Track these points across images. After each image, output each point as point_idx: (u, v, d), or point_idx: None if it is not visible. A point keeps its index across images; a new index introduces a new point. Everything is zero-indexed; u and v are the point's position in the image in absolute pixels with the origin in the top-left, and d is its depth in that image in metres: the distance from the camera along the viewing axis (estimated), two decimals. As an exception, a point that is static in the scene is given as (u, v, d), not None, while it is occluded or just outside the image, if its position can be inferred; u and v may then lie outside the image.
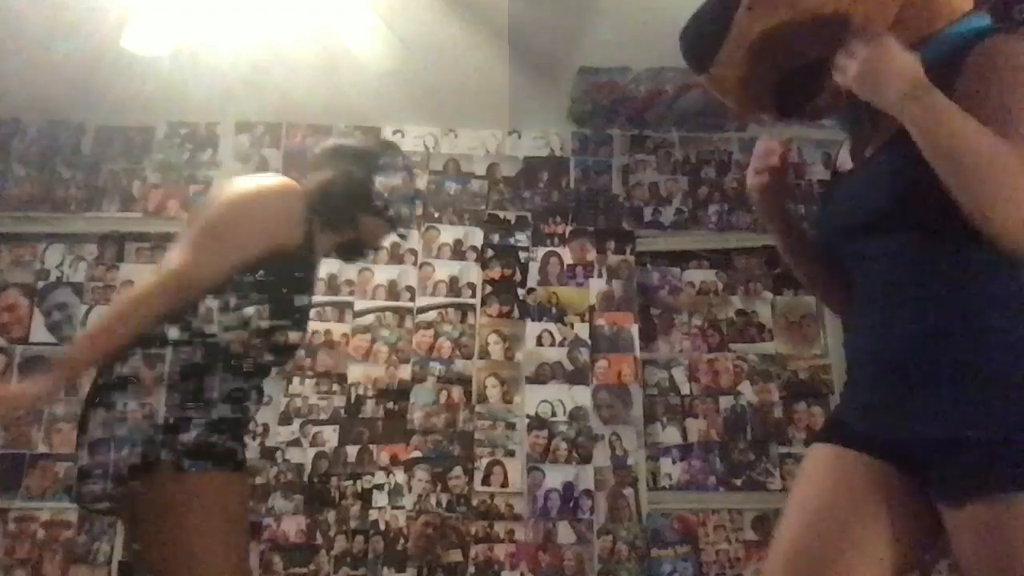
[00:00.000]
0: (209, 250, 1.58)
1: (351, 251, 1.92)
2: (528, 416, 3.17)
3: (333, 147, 1.86)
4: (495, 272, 3.38)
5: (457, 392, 3.19)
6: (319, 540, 2.98)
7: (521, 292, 3.36)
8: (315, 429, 3.10)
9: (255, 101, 3.33)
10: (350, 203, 1.76)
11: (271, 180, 1.69)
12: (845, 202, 1.20)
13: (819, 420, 3.28)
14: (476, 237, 3.42)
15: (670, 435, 3.28)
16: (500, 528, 3.03)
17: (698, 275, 3.49)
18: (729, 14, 1.08)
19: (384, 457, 3.09)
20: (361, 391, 3.17)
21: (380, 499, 3.04)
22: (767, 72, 1.13)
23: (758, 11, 1.07)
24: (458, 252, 3.40)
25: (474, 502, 3.06)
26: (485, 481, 3.09)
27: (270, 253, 1.60)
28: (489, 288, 3.36)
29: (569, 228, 3.47)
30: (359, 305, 3.29)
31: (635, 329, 3.32)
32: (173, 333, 1.55)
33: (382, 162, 1.82)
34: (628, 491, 3.10)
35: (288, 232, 1.63)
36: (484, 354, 3.26)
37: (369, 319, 3.26)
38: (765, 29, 1.08)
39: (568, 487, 3.09)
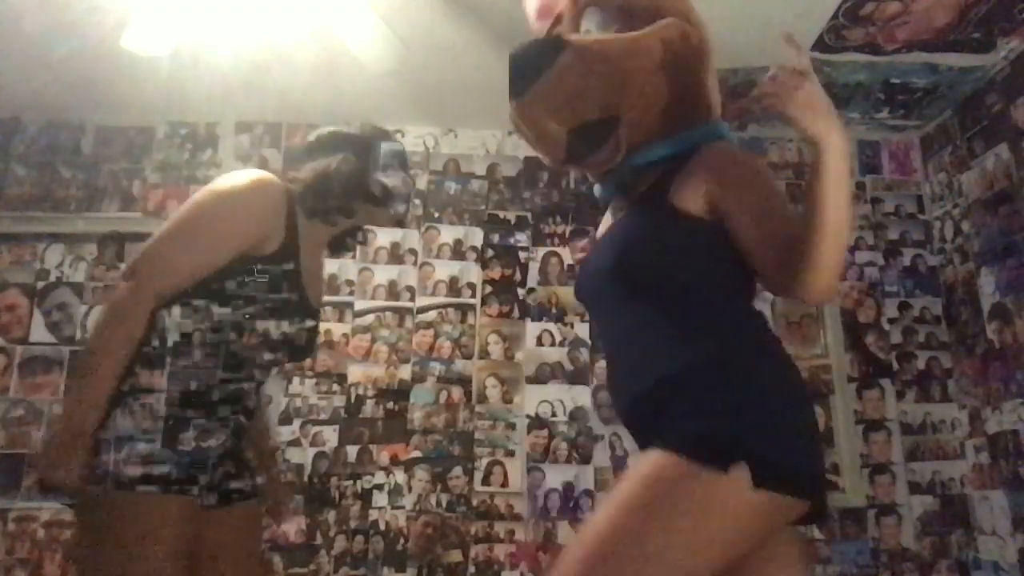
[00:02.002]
0: (175, 255, 1.48)
1: (340, 244, 1.84)
2: (528, 416, 3.18)
3: (328, 135, 1.76)
4: (495, 272, 3.38)
5: (457, 392, 3.19)
6: (319, 540, 2.98)
7: (521, 292, 3.36)
8: (315, 429, 3.10)
9: (255, 101, 3.33)
10: (348, 191, 1.67)
11: (245, 177, 1.56)
12: (590, 262, 1.41)
13: (819, 420, 3.28)
14: (476, 237, 3.42)
15: (670, 435, 3.27)
16: (500, 528, 3.03)
17: (698, 275, 3.48)
18: (555, 56, 1.25)
19: (384, 457, 3.09)
20: (361, 391, 3.17)
21: (380, 499, 3.04)
22: (563, 117, 1.29)
23: (577, 65, 1.25)
24: (458, 252, 3.40)
25: (474, 502, 3.06)
26: (485, 481, 3.09)
27: (243, 256, 1.51)
28: (489, 288, 3.36)
29: (569, 228, 3.47)
30: (359, 305, 3.29)
31: (635, 329, 3.31)
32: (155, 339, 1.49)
33: (378, 148, 1.75)
34: (628, 491, 3.10)
35: (263, 231, 1.53)
36: (484, 354, 3.26)
37: (369, 319, 3.26)
38: (573, 87, 1.25)
39: (568, 487, 3.09)
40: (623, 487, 1.15)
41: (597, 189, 1.51)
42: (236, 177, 1.55)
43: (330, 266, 3.27)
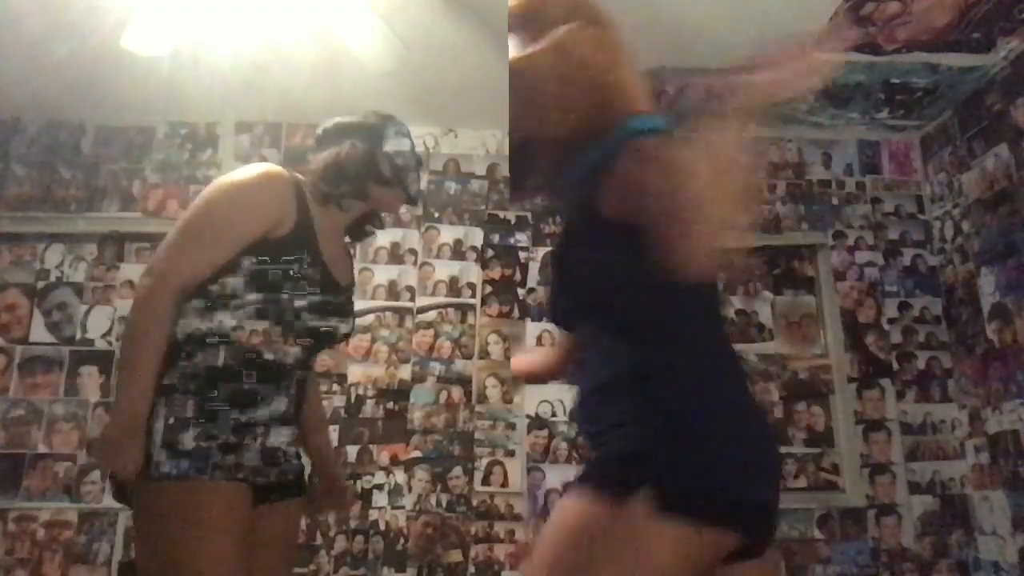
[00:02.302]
0: (188, 248, 1.50)
1: (359, 231, 1.86)
2: (528, 416, 3.18)
3: (334, 125, 1.82)
4: (495, 272, 3.38)
5: (457, 392, 3.19)
6: (319, 540, 2.98)
7: (521, 292, 3.36)
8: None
9: (255, 101, 3.33)
10: (359, 175, 1.70)
11: (252, 170, 1.58)
12: (553, 289, 1.34)
13: (819, 420, 3.29)
14: (476, 237, 3.42)
15: (670, 435, 3.28)
16: (500, 528, 3.03)
17: (698, 275, 3.49)
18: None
19: (384, 457, 3.09)
20: (361, 391, 3.17)
21: (380, 499, 3.04)
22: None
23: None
24: (458, 252, 3.40)
25: (474, 502, 3.06)
26: (485, 481, 3.09)
27: (257, 242, 1.53)
28: (489, 288, 3.36)
29: (569, 228, 3.46)
30: (359, 305, 3.28)
31: (635, 329, 3.32)
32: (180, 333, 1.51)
33: (384, 130, 1.79)
34: (628, 491, 3.10)
35: (273, 218, 1.54)
36: (484, 354, 3.26)
37: (369, 319, 3.26)
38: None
39: (568, 487, 3.09)
40: (544, 544, 1.11)
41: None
42: (243, 171, 1.59)
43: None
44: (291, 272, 1.54)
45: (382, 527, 3.01)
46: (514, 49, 1.32)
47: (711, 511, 1.02)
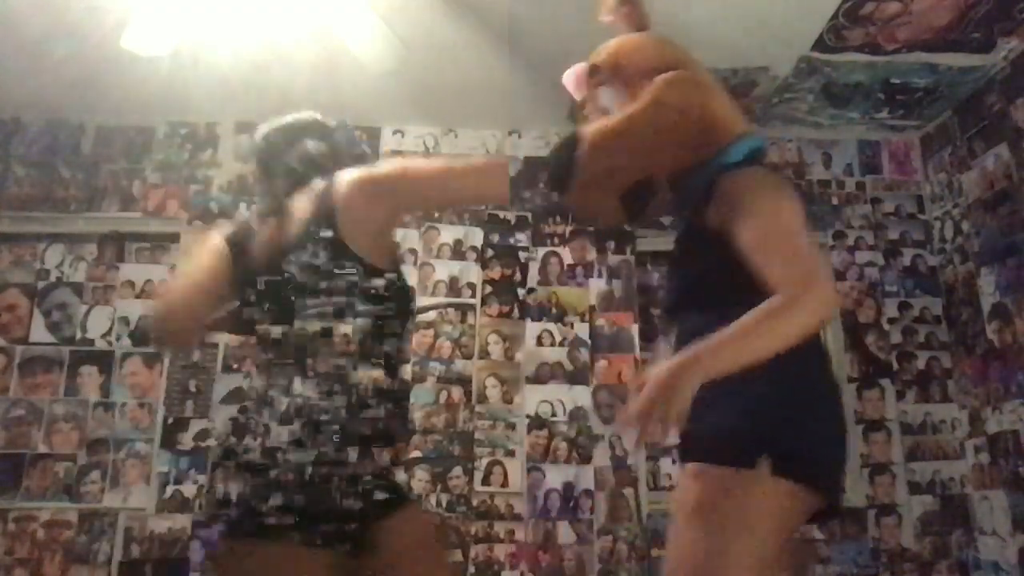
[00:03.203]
0: None
1: None
2: (528, 416, 3.18)
3: (280, 128, 1.83)
4: (495, 272, 3.38)
5: (457, 392, 3.19)
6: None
7: (521, 292, 3.36)
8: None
9: (255, 101, 3.32)
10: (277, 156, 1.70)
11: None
12: (664, 290, 1.63)
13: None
14: (476, 237, 3.42)
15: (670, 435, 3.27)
16: (500, 528, 3.03)
17: (698, 275, 3.49)
18: (572, 156, 1.45)
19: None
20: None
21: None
22: (610, 192, 1.49)
23: (593, 154, 1.44)
24: (458, 252, 3.40)
25: (474, 502, 3.06)
26: (485, 481, 3.09)
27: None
28: (489, 288, 3.36)
29: (569, 228, 3.47)
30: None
31: (635, 329, 3.32)
32: None
33: (335, 126, 1.81)
34: (628, 491, 3.10)
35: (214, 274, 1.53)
36: (484, 354, 3.26)
37: (369, 319, 3.26)
38: (600, 169, 1.46)
39: (568, 487, 3.09)
40: (682, 520, 1.27)
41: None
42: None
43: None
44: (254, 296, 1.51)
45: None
46: (608, 99, 1.53)
47: (814, 474, 1.23)
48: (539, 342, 3.29)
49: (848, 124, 3.53)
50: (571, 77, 1.69)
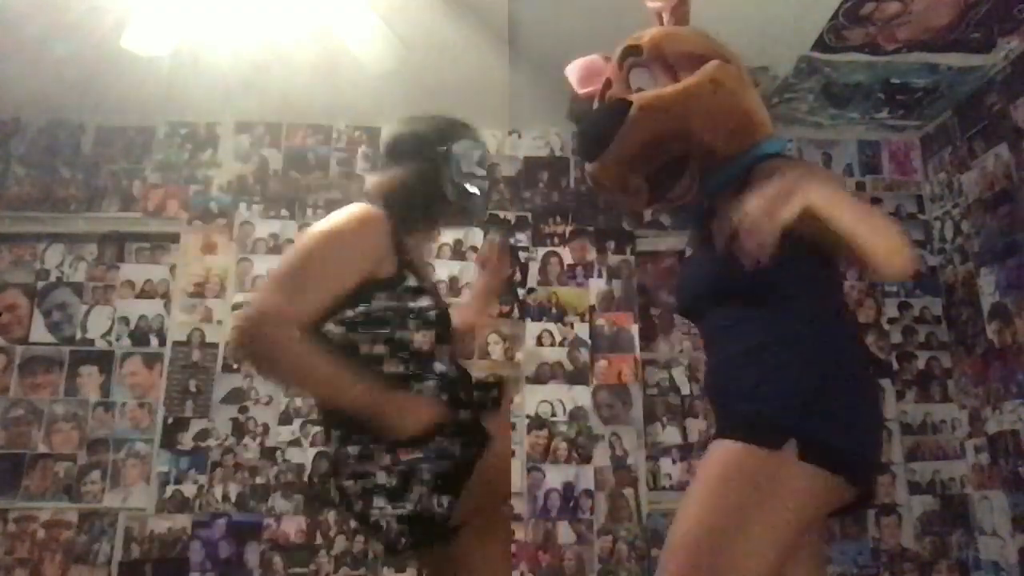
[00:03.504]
0: (300, 287, 1.45)
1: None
2: (528, 416, 3.18)
3: (402, 138, 1.74)
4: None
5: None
6: (319, 540, 2.98)
7: (521, 292, 3.36)
8: (315, 429, 3.10)
9: (255, 101, 3.33)
10: (427, 202, 1.64)
11: (347, 215, 1.55)
12: (688, 281, 1.58)
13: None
14: (476, 237, 3.42)
15: (670, 435, 3.28)
16: (500, 528, 3.03)
17: (698, 275, 3.49)
18: (622, 116, 1.42)
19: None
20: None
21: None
22: (639, 167, 1.47)
23: (644, 119, 1.42)
24: (458, 252, 3.40)
25: (474, 502, 3.06)
26: (485, 481, 3.08)
27: (363, 284, 1.50)
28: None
29: (569, 228, 3.47)
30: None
31: (635, 329, 3.32)
32: None
33: (452, 149, 1.69)
34: (628, 491, 3.10)
35: (374, 262, 1.52)
36: (484, 354, 3.26)
37: (369, 319, 3.26)
38: (644, 138, 1.43)
39: (568, 487, 3.09)
40: (702, 482, 1.27)
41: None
42: (341, 216, 1.54)
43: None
44: (397, 311, 1.53)
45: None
46: (644, 81, 1.51)
47: (843, 463, 1.23)
48: (539, 342, 3.29)
49: (848, 124, 3.53)
50: (578, 69, 1.67)
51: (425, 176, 1.65)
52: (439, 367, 1.60)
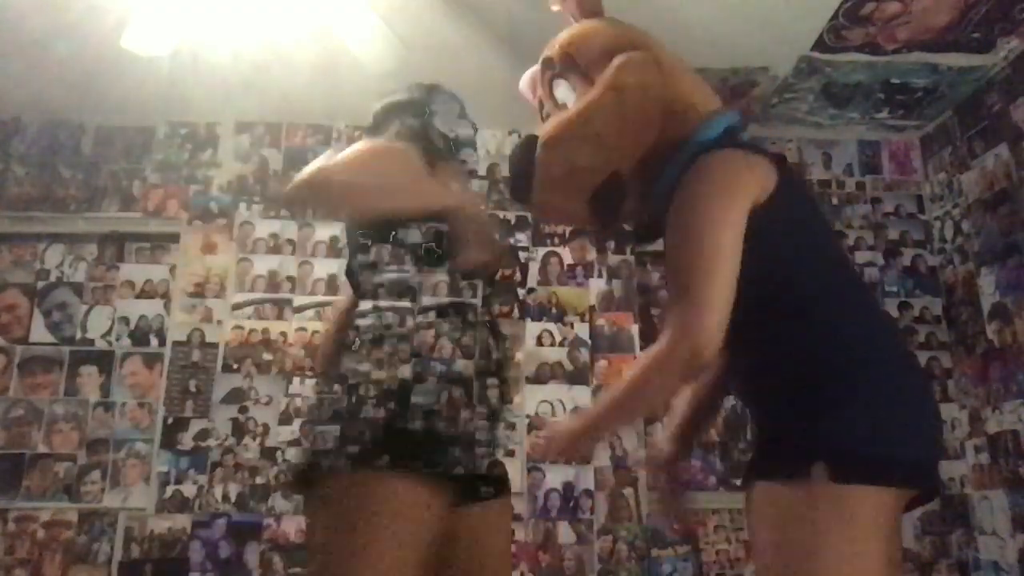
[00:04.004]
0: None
1: None
2: (528, 416, 3.17)
3: (382, 107, 1.74)
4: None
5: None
6: (319, 540, 2.98)
7: (521, 292, 3.36)
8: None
9: (255, 101, 3.33)
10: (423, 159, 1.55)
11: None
12: None
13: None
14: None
15: (670, 435, 3.28)
16: (500, 528, 3.03)
17: (698, 275, 3.49)
18: (531, 156, 1.34)
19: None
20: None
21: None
22: (575, 194, 1.36)
23: (551, 154, 1.32)
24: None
25: (474, 502, 3.06)
26: (485, 481, 3.08)
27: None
28: (489, 288, 3.35)
29: (569, 228, 3.47)
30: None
31: (635, 329, 3.32)
32: None
33: (431, 102, 1.68)
34: (628, 491, 3.10)
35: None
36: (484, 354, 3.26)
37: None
38: (558, 173, 1.33)
39: (568, 487, 3.09)
40: (763, 539, 1.17)
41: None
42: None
43: (328, 266, 3.28)
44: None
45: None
46: (565, 94, 1.40)
47: (887, 471, 1.10)
48: (539, 342, 3.29)
49: (848, 124, 3.53)
50: (527, 81, 1.57)
51: (405, 130, 1.60)
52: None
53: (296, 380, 3.16)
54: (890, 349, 1.22)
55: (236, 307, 3.25)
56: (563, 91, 1.41)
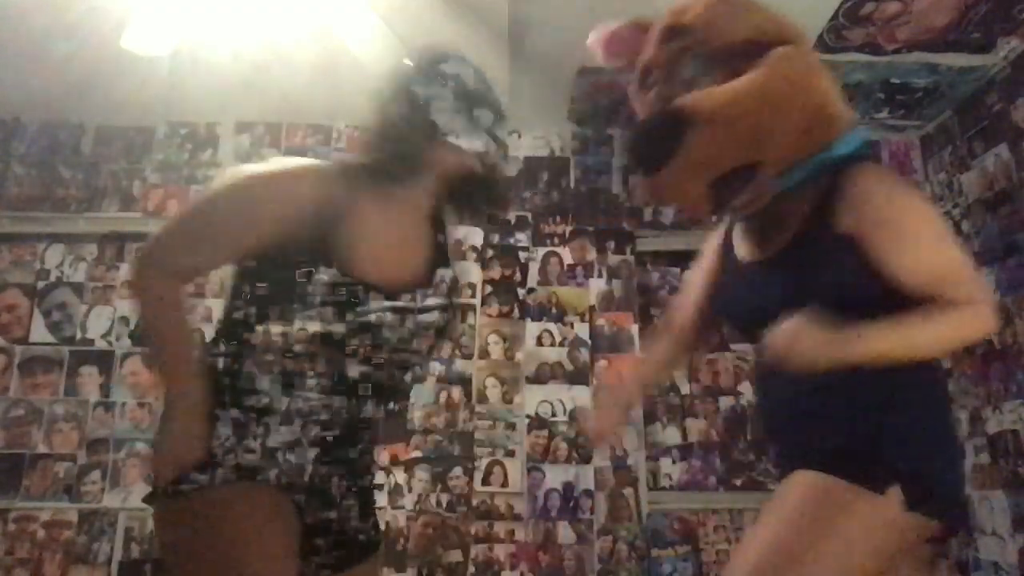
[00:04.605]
0: (181, 239, 1.32)
1: (462, 210, 1.52)
2: (528, 416, 3.18)
3: (383, 86, 1.47)
4: (495, 272, 3.38)
5: (457, 392, 3.19)
6: (319, 540, 2.98)
7: (521, 292, 3.36)
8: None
9: (255, 101, 3.33)
10: (405, 137, 1.36)
11: (273, 165, 1.35)
12: (751, 292, 1.42)
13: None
14: (476, 237, 3.42)
15: (670, 435, 3.28)
16: (500, 528, 3.03)
17: (698, 275, 3.49)
18: (680, 132, 1.23)
19: (384, 457, 3.09)
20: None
21: (380, 499, 3.04)
22: (704, 176, 1.28)
23: (709, 135, 1.22)
24: (458, 252, 3.40)
25: (474, 502, 3.06)
26: (485, 481, 3.09)
27: (269, 249, 1.31)
28: (489, 288, 3.36)
29: (569, 228, 3.47)
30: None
31: (635, 329, 3.32)
32: None
33: (434, 72, 1.39)
34: (628, 491, 3.10)
35: (290, 221, 1.29)
36: (484, 354, 3.26)
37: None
38: (709, 152, 1.24)
39: (568, 487, 3.09)
40: (784, 508, 1.19)
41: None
42: (266, 164, 1.35)
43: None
44: (305, 283, 1.30)
45: (382, 527, 3.00)
46: (700, 70, 1.30)
47: (942, 507, 1.18)
48: (539, 342, 3.29)
49: (848, 124, 3.53)
50: (610, 37, 1.45)
51: (398, 106, 1.37)
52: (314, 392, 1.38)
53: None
54: (944, 386, 1.33)
55: (236, 307, 3.26)
56: (695, 67, 1.31)
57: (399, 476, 3.07)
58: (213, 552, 1.21)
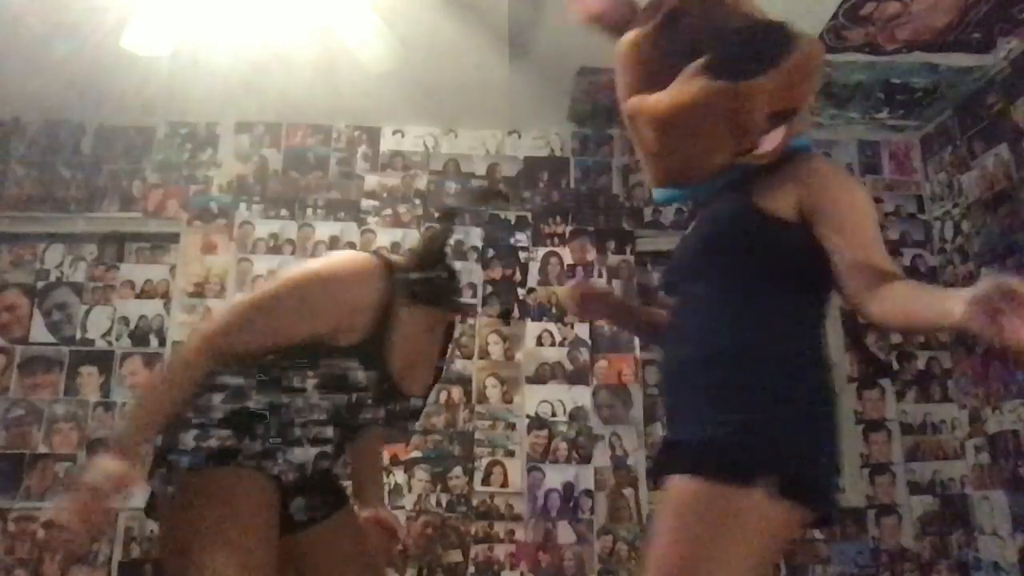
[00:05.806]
0: (245, 322, 1.44)
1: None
2: (528, 416, 3.18)
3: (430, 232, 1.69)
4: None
5: (457, 392, 3.19)
6: (319, 540, 2.98)
7: (521, 292, 3.36)
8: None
9: (255, 101, 3.33)
10: (441, 286, 1.57)
11: (344, 260, 1.52)
12: (678, 249, 1.50)
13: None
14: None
15: (670, 435, 3.28)
16: (500, 528, 3.03)
17: (698, 275, 3.48)
18: (789, 48, 1.27)
19: (384, 457, 3.09)
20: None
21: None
22: (780, 103, 1.29)
23: (804, 61, 1.29)
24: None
25: (474, 502, 3.06)
26: (485, 481, 3.09)
27: (316, 342, 1.47)
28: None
29: (569, 228, 3.47)
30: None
31: (635, 329, 3.32)
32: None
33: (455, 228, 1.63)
34: (628, 491, 3.10)
35: (346, 321, 1.45)
36: (484, 354, 3.26)
37: (369, 319, 3.26)
38: (801, 75, 1.29)
39: (568, 487, 3.09)
40: (664, 526, 1.20)
41: (661, 194, 1.55)
42: (337, 258, 1.54)
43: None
44: (350, 379, 1.53)
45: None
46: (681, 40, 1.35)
47: (818, 495, 1.20)
48: (539, 342, 3.29)
49: (848, 124, 3.53)
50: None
51: (445, 260, 1.60)
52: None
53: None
54: (829, 382, 1.31)
55: (236, 307, 3.25)
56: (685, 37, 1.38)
57: (399, 476, 3.08)
58: (194, 526, 1.36)
